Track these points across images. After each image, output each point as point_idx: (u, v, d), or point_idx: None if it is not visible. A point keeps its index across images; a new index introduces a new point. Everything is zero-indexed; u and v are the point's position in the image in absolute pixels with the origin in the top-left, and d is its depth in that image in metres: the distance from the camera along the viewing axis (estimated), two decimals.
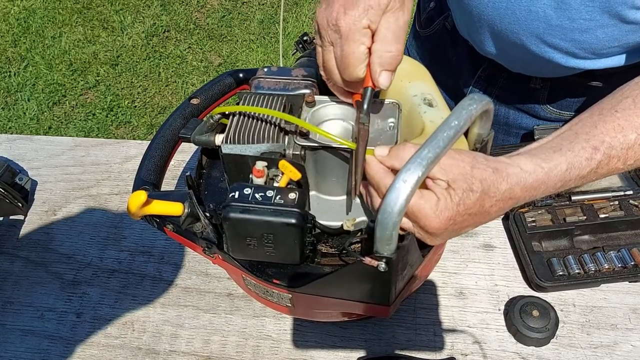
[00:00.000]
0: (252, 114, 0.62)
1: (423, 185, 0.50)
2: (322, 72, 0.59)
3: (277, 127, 0.61)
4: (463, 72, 0.96)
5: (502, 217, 0.90)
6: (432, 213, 0.48)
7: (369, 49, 0.54)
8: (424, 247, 0.61)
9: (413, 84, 0.67)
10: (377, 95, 0.66)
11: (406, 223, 0.51)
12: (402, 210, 0.46)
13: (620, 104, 0.55)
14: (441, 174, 0.49)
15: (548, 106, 0.90)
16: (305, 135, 0.60)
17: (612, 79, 0.80)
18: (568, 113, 0.90)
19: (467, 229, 0.52)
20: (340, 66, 0.56)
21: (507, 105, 0.94)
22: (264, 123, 0.61)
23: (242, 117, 0.63)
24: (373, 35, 0.54)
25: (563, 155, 0.53)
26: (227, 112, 0.64)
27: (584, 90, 0.85)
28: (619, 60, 0.75)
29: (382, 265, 0.51)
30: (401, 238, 0.51)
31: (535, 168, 0.51)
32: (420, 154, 0.46)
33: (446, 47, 0.98)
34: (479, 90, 0.95)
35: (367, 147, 0.55)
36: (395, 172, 0.51)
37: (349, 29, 0.52)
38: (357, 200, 0.64)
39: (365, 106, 0.54)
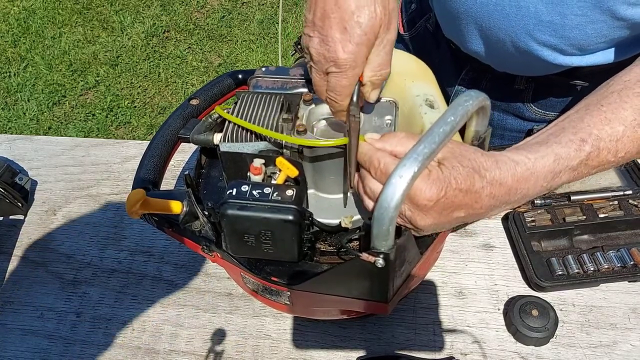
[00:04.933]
0: (250, 112, 0.62)
1: None
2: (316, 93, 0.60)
3: (274, 125, 0.61)
4: (446, 74, 0.95)
5: (501, 216, 0.90)
6: (424, 184, 0.48)
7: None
8: (422, 245, 0.61)
9: (416, 83, 0.67)
10: None
11: None
12: (399, 206, 0.46)
13: (606, 98, 0.55)
14: None
15: (532, 106, 0.90)
16: (302, 132, 0.60)
17: (595, 78, 0.80)
18: (552, 114, 0.90)
19: (459, 213, 0.50)
20: (329, 94, 0.56)
21: (492, 106, 0.94)
22: (261, 121, 0.61)
23: (240, 115, 0.63)
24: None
25: (549, 147, 0.52)
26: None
27: (568, 90, 0.85)
28: (602, 57, 0.75)
29: (380, 261, 0.51)
30: (398, 234, 0.51)
31: (522, 158, 0.51)
32: (416, 150, 0.46)
33: (429, 48, 0.98)
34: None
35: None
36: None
37: (349, 66, 0.53)
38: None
39: (354, 98, 0.55)
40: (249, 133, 0.60)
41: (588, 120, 0.54)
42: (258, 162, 0.58)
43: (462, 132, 0.59)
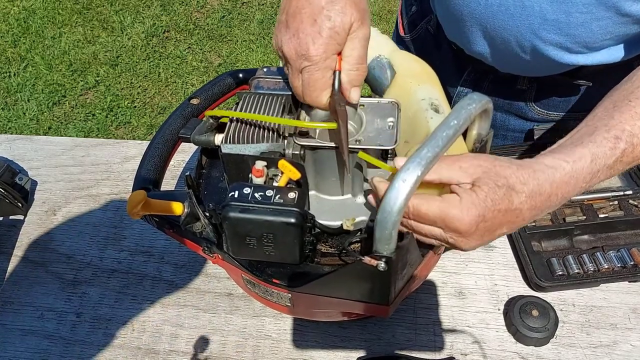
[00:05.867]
0: (252, 112, 0.62)
1: (449, 190, 0.50)
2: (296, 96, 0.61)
3: (277, 126, 0.61)
4: (448, 75, 0.95)
5: None
6: (459, 212, 0.48)
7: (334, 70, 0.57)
8: (423, 247, 0.61)
9: (422, 86, 0.66)
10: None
11: (436, 231, 0.51)
12: (402, 210, 0.46)
13: (633, 93, 0.56)
14: (464, 177, 0.50)
15: (535, 107, 0.90)
16: (304, 134, 0.60)
17: (599, 78, 0.80)
18: (555, 114, 0.90)
19: (501, 230, 0.51)
20: (305, 91, 0.58)
21: (494, 107, 0.94)
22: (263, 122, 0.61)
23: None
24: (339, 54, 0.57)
25: (585, 147, 0.53)
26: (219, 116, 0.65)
27: (571, 90, 0.85)
28: (608, 55, 0.75)
29: (382, 265, 0.51)
30: (400, 237, 0.51)
31: (560, 163, 0.51)
32: (419, 154, 0.46)
33: (430, 50, 0.98)
34: (466, 93, 0.95)
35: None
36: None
37: (320, 58, 0.55)
38: (358, 199, 0.64)
39: (336, 87, 0.57)
40: (250, 134, 0.60)
41: (618, 117, 0.54)
42: (260, 164, 0.58)
43: (464, 135, 0.59)
